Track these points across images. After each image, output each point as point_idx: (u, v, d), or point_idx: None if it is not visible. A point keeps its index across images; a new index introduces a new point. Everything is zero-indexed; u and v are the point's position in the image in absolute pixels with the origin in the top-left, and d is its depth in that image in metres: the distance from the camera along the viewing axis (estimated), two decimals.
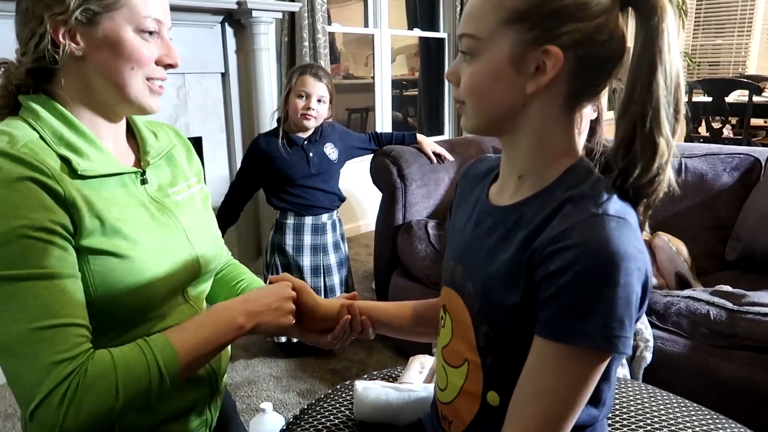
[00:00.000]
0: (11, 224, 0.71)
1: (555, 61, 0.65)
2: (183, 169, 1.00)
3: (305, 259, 2.25)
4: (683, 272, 1.91)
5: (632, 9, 0.66)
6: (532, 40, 0.65)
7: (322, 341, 0.99)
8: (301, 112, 2.15)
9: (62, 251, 0.75)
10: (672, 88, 0.64)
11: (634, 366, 1.64)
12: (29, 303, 0.71)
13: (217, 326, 0.83)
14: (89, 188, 0.81)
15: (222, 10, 2.72)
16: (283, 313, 0.90)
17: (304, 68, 2.19)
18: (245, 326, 0.85)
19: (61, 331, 0.71)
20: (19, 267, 0.71)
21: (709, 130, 4.21)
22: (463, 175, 0.89)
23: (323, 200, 2.27)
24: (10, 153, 0.73)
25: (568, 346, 0.61)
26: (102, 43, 0.81)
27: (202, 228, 0.98)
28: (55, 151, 0.79)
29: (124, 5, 0.81)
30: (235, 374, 2.17)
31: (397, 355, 2.28)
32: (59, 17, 0.79)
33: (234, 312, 0.85)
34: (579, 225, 0.62)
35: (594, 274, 0.59)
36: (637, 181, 0.65)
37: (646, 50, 0.63)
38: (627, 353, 0.62)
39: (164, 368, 0.76)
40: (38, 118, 0.81)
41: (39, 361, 0.70)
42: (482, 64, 0.68)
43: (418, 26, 4.35)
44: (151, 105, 0.87)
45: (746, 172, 2.13)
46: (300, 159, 2.20)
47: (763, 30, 6.07)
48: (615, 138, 0.67)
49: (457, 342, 0.78)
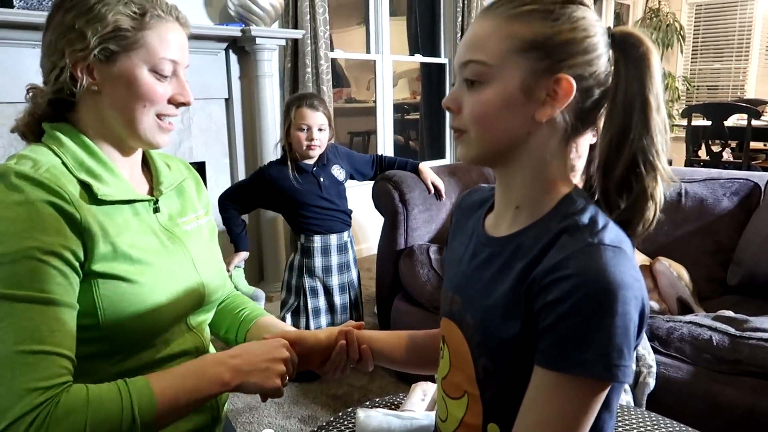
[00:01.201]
0: (23, 244, 0.73)
1: (566, 89, 0.67)
2: (192, 201, 1.03)
3: (334, 279, 2.29)
4: (685, 297, 1.90)
5: (619, 52, 0.69)
6: (544, 69, 0.67)
7: (320, 368, 0.98)
8: (305, 144, 2.19)
9: (65, 279, 0.76)
10: (663, 122, 0.67)
11: (637, 392, 1.63)
12: (21, 325, 0.71)
13: (202, 378, 0.81)
14: (104, 214, 0.83)
15: (226, 38, 2.77)
16: (270, 375, 0.85)
17: (300, 100, 2.21)
18: (230, 383, 0.83)
19: (43, 359, 0.71)
20: (21, 287, 0.72)
21: (709, 154, 4.23)
22: (457, 205, 0.90)
23: (341, 217, 2.32)
24: (32, 177, 0.76)
25: (567, 375, 0.62)
26: (118, 80, 0.84)
27: (208, 258, 1.00)
28: (76, 177, 0.82)
29: (141, 46, 0.84)
30: (236, 400, 2.15)
31: (399, 381, 2.27)
32: (79, 53, 0.82)
33: (221, 366, 0.83)
34: (575, 255, 0.63)
35: (592, 303, 0.60)
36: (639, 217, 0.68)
37: (639, 91, 0.66)
38: (626, 382, 0.62)
39: (138, 413, 0.73)
40: (61, 144, 0.84)
41: (15, 385, 0.69)
42: (492, 91, 0.68)
43: (420, 52, 4.41)
44: (159, 141, 0.90)
45: (746, 196, 2.13)
46: (312, 185, 2.25)
47: (760, 54, 6.13)
48: (608, 176, 0.69)
49: (455, 374, 0.78)
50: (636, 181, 0.67)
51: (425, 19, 4.45)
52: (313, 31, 3.10)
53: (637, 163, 0.67)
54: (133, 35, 0.83)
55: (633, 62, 0.67)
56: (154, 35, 0.84)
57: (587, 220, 0.67)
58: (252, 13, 2.73)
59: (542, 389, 0.64)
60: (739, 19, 6.21)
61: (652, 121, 0.67)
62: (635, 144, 0.67)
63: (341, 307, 2.31)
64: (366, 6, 3.90)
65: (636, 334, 0.63)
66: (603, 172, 0.69)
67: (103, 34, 0.82)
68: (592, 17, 0.68)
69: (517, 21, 0.67)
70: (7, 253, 0.72)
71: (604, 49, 0.68)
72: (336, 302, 2.30)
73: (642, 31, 0.69)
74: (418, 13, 4.45)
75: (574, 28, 0.67)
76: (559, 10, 0.67)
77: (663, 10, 6.25)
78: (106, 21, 0.82)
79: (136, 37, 0.83)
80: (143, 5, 0.84)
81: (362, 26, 4.05)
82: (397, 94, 4.74)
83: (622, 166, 0.67)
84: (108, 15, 0.82)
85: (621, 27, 0.70)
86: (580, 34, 0.67)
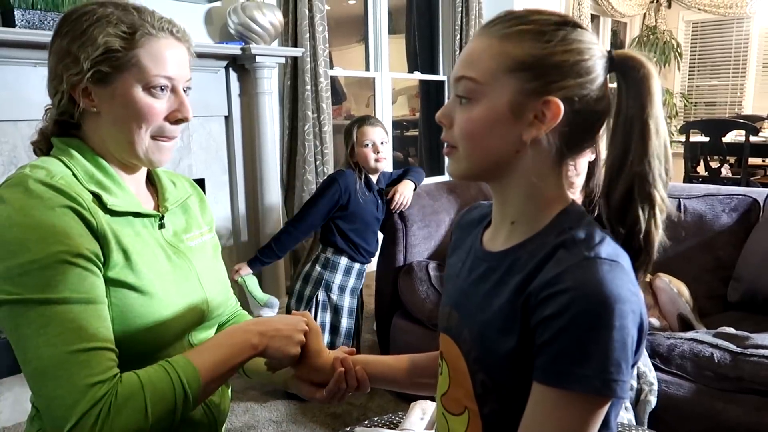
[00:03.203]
0: (51, 249, 0.75)
1: (554, 112, 0.66)
2: (196, 218, 1.04)
3: (345, 301, 2.30)
4: (686, 314, 1.89)
5: (619, 75, 0.69)
6: (533, 90, 0.67)
7: (318, 396, 0.97)
8: (374, 157, 2.25)
9: (96, 278, 0.79)
10: (663, 147, 0.67)
11: (638, 410, 1.61)
12: (66, 326, 0.74)
13: (233, 346, 0.86)
14: (116, 224, 0.84)
15: (226, 56, 2.79)
16: (292, 342, 0.91)
17: (360, 121, 2.31)
18: (258, 347, 0.87)
19: (95, 354, 0.75)
20: (58, 291, 0.74)
21: (708, 170, 4.24)
22: (457, 222, 0.90)
23: (375, 246, 2.35)
24: (50, 183, 0.78)
25: (566, 391, 0.61)
26: (114, 100, 0.85)
27: (212, 274, 1.00)
28: (86, 188, 0.83)
29: (134, 65, 0.84)
30: (234, 419, 2.13)
31: (398, 400, 2.25)
32: (75, 77, 0.84)
33: (248, 333, 0.88)
34: (572, 269, 0.63)
35: (589, 317, 0.60)
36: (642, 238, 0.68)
37: (638, 114, 0.67)
38: (624, 398, 0.62)
39: (188, 387, 0.78)
40: (71, 156, 0.86)
41: (75, 383, 0.72)
42: (481, 108, 0.68)
43: (418, 69, 4.44)
44: (158, 160, 0.91)
45: (745, 212, 2.13)
46: (372, 204, 2.29)
47: (757, 71, 6.18)
48: (609, 202, 0.69)
49: (455, 389, 0.77)
50: (630, 211, 0.67)
51: (424, 36, 4.49)
52: (312, 48, 3.13)
53: (633, 191, 0.67)
54: (124, 55, 0.84)
55: (633, 85, 0.67)
56: (145, 54, 0.84)
57: (584, 234, 0.66)
58: (252, 31, 2.75)
59: (541, 405, 0.63)
60: (736, 36, 6.26)
61: (651, 145, 0.66)
62: (634, 168, 0.67)
63: (346, 331, 2.31)
64: (365, 24, 3.93)
65: (635, 348, 0.62)
66: (606, 197, 0.69)
67: (95, 57, 0.82)
68: (589, 40, 0.68)
69: (510, 41, 0.68)
70: (37, 259, 0.74)
71: (599, 72, 0.68)
72: (342, 325, 2.30)
73: (643, 54, 0.69)
74: (417, 31, 4.49)
75: (567, 50, 0.67)
76: (552, 31, 0.67)
77: (660, 27, 6.31)
78: (97, 43, 0.82)
79: (127, 57, 0.84)
80: (133, 24, 0.84)
81: (361, 44, 4.08)
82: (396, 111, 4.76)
83: (620, 191, 0.68)
84: (98, 37, 0.82)
85: (622, 50, 0.71)
86: (573, 56, 0.67)
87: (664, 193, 0.68)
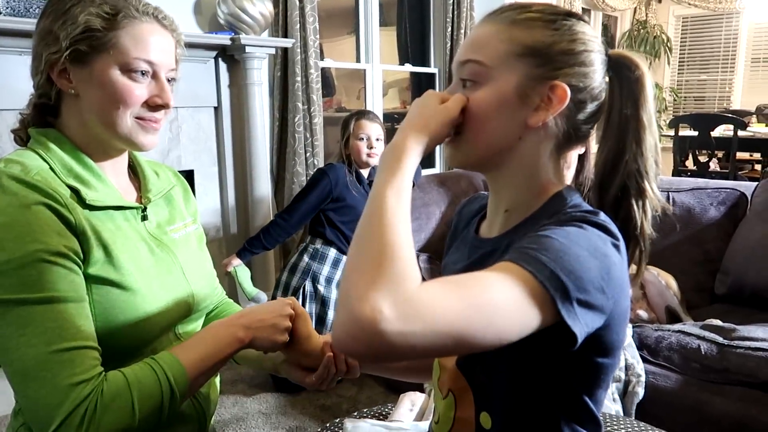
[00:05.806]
0: (28, 248, 0.73)
1: (560, 96, 0.67)
2: (180, 209, 1.02)
3: (332, 292, 2.31)
4: (673, 306, 1.91)
5: (614, 74, 0.71)
6: (541, 75, 0.68)
7: (308, 380, 0.96)
8: (366, 152, 2.31)
9: (75, 276, 0.77)
10: (654, 142, 0.70)
11: (626, 402, 1.63)
12: (46, 326, 0.72)
13: (220, 342, 0.85)
14: (96, 219, 0.82)
15: (216, 46, 2.76)
16: (278, 330, 0.89)
17: (359, 114, 2.36)
18: (244, 340, 0.86)
19: (78, 354, 0.73)
20: (36, 290, 0.72)
21: (696, 164, 4.27)
22: (458, 212, 0.91)
23: None
24: (24, 179, 0.76)
25: (516, 265, 0.58)
26: (91, 82, 0.83)
27: (197, 266, 0.99)
28: (64, 182, 0.81)
29: (112, 47, 0.82)
30: (223, 411, 2.13)
31: (388, 392, 2.26)
32: (53, 56, 0.82)
33: (233, 327, 0.87)
34: (555, 219, 0.64)
35: (564, 232, 0.60)
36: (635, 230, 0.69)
37: (633, 114, 0.69)
38: (569, 323, 0.56)
39: (174, 383, 0.77)
40: (48, 149, 0.83)
41: (58, 383, 0.71)
42: (487, 91, 0.69)
43: (410, 61, 4.42)
44: (143, 142, 0.88)
45: (733, 206, 2.15)
46: (364, 198, 2.26)
47: (746, 66, 6.21)
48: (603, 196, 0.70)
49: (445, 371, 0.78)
50: (625, 204, 0.69)
51: (415, 29, 4.47)
52: (303, 40, 3.10)
53: (629, 186, 0.69)
54: (104, 35, 0.82)
55: (627, 85, 0.70)
56: (126, 35, 0.83)
57: (579, 212, 0.67)
58: (242, 21, 2.72)
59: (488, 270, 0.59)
60: (725, 32, 6.29)
61: (645, 141, 0.69)
62: (629, 165, 0.69)
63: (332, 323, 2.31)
64: (356, 15, 3.91)
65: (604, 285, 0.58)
66: (599, 192, 0.71)
67: (74, 35, 0.81)
68: (592, 33, 0.71)
69: (519, 26, 0.69)
70: (13, 258, 0.72)
71: (600, 66, 0.70)
72: (329, 316, 2.30)
73: (637, 54, 0.71)
74: (408, 23, 4.47)
75: (573, 39, 0.68)
76: (561, 21, 0.69)
77: (650, 22, 6.33)
78: (77, 22, 0.81)
79: (107, 38, 0.82)
80: (116, 5, 0.83)
81: (352, 36, 4.06)
82: (387, 104, 4.75)
83: (615, 186, 0.69)
84: (79, 16, 0.81)
85: (617, 50, 0.73)
86: (579, 46, 0.69)
87: (655, 185, 0.70)
